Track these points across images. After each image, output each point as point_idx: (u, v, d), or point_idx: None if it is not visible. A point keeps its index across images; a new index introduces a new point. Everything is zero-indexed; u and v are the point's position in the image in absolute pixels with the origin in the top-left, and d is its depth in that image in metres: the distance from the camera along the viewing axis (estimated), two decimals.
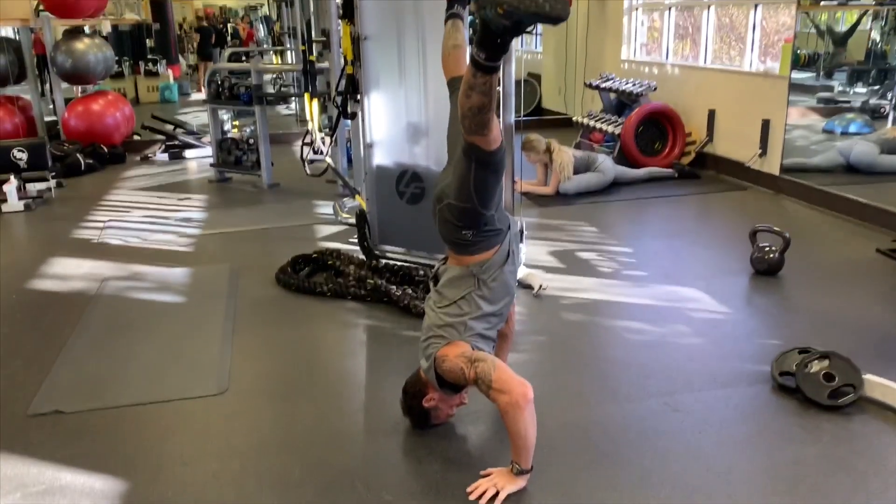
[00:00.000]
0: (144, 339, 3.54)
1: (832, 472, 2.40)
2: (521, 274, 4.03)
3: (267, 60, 12.72)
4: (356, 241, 4.47)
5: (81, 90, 8.51)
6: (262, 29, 18.73)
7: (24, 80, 8.20)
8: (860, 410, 2.72)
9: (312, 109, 5.96)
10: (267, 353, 3.41)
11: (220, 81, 6.60)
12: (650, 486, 2.34)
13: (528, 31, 1.98)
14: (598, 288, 4.06)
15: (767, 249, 4.15)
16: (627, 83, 7.25)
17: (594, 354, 3.31)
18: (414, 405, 2.58)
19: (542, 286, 3.96)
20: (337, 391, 3.03)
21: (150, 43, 14.93)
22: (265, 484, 2.40)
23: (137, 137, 8.77)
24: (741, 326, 3.53)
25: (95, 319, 3.77)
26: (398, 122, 4.19)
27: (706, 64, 7.13)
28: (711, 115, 6.75)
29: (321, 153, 5.92)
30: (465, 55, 2.70)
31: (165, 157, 8.14)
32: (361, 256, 4.35)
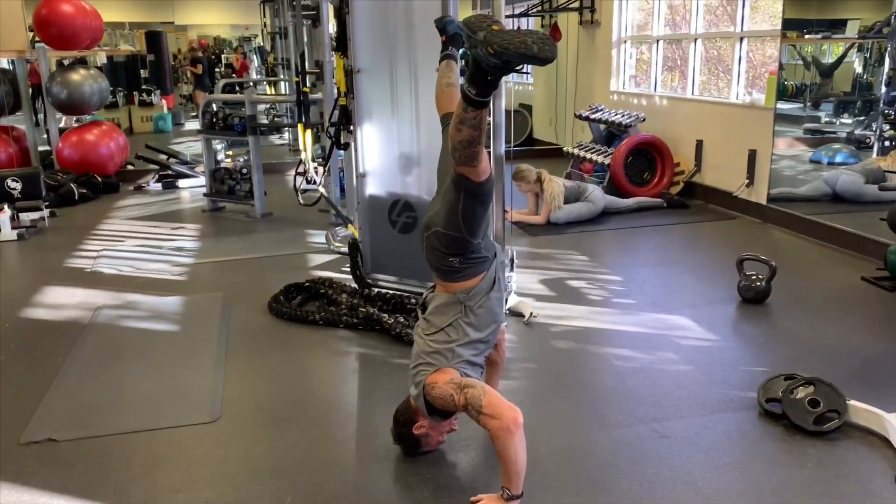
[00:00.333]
0: (137, 367, 3.56)
1: (817, 496, 2.44)
2: (511, 302, 4.08)
3: (260, 91, 12.83)
4: (349, 269, 4.51)
5: (76, 120, 8.56)
6: (255, 60, 18.91)
7: (19, 110, 8.24)
8: (845, 436, 2.77)
9: (306, 140, 6.03)
10: (259, 380, 3.43)
11: (214, 112, 6.67)
12: None
13: (517, 69, 2.06)
14: (587, 316, 4.10)
15: (754, 278, 4.21)
16: (616, 114, 7.37)
17: (584, 381, 3.35)
18: (404, 432, 2.61)
19: (532, 314, 4.01)
20: (329, 419, 3.05)
21: (144, 73, 15.09)
22: None
23: (131, 167, 8.83)
24: (728, 354, 3.58)
25: (88, 348, 3.79)
26: (390, 152, 4.25)
27: (694, 95, 7.25)
28: (699, 145, 6.86)
29: (314, 183, 5.97)
30: (457, 93, 2.76)
31: (159, 186, 8.20)
32: (354, 285, 4.39)
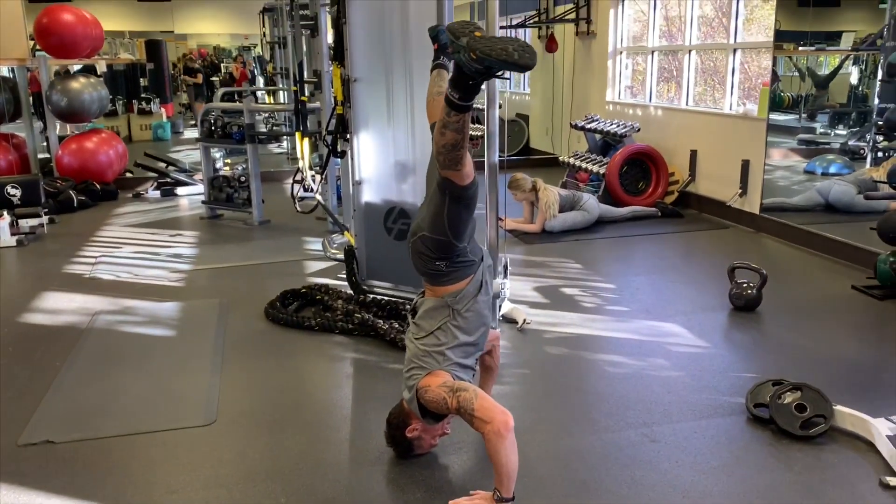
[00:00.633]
0: (134, 371, 3.60)
1: (804, 499, 2.48)
2: (505, 309, 4.12)
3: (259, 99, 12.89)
4: (344, 276, 4.55)
5: (76, 128, 8.61)
6: (255, 69, 19.01)
7: (19, 117, 8.29)
8: (831, 440, 2.81)
9: (303, 148, 6.08)
10: (255, 385, 3.47)
11: (212, 120, 6.73)
12: None
13: (498, 75, 2.12)
14: (580, 323, 4.15)
15: (745, 286, 4.25)
16: (612, 124, 7.43)
17: (576, 386, 3.39)
18: (397, 435, 2.65)
19: (526, 321, 4.05)
20: (323, 422, 3.09)
21: (143, 82, 15.15)
22: None
23: (130, 175, 8.87)
24: (718, 360, 3.62)
25: (86, 352, 3.82)
26: (386, 160, 4.30)
27: (688, 106, 7.31)
28: (693, 155, 6.92)
29: (311, 191, 6.02)
30: None
31: (157, 194, 8.23)
32: (349, 291, 4.43)
